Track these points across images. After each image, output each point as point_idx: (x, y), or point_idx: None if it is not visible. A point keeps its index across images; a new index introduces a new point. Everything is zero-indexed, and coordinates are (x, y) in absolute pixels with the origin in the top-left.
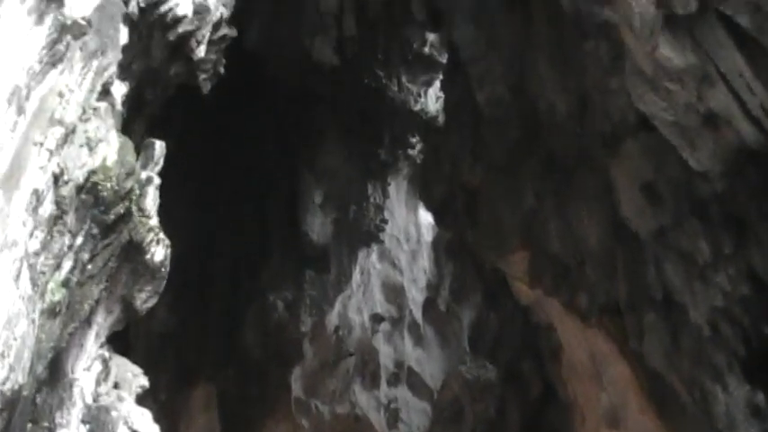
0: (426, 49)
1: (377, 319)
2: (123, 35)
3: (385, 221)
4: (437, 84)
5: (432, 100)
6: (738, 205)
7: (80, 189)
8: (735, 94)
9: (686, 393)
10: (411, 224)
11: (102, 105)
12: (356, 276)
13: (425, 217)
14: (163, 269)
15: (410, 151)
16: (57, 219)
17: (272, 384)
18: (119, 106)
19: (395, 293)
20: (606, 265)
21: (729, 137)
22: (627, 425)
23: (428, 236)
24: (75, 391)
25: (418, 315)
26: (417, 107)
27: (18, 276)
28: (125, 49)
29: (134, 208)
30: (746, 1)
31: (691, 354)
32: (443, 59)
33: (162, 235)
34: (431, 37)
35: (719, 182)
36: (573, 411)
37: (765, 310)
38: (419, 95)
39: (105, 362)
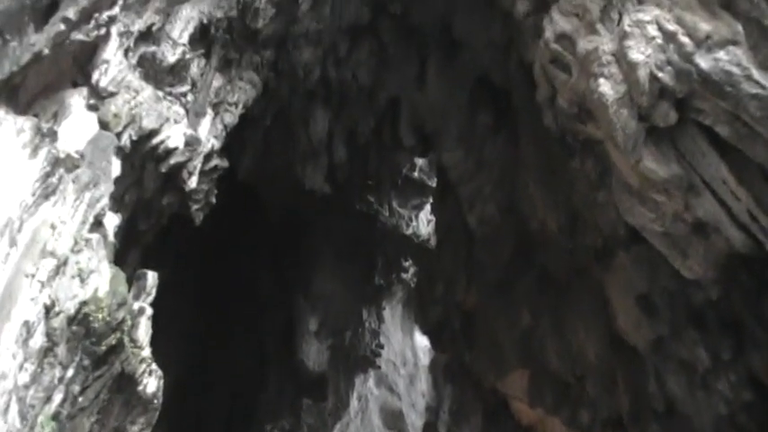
0: (416, 174)
1: None
2: (116, 167)
3: (381, 346)
4: (427, 207)
5: (423, 223)
6: (734, 311)
7: (71, 320)
8: (721, 201)
9: None
10: (407, 348)
11: (95, 237)
12: (354, 403)
13: (421, 340)
14: (155, 400)
15: (403, 275)
16: (47, 351)
17: None
18: (111, 237)
19: (394, 419)
20: (606, 380)
21: (719, 244)
22: None
23: (425, 359)
24: None
25: None
26: (409, 231)
27: (6, 410)
28: (118, 180)
29: (126, 339)
30: (724, 111)
31: None
32: (433, 183)
33: (154, 366)
34: (420, 161)
35: (713, 289)
36: None
37: None
38: (410, 219)
39: None
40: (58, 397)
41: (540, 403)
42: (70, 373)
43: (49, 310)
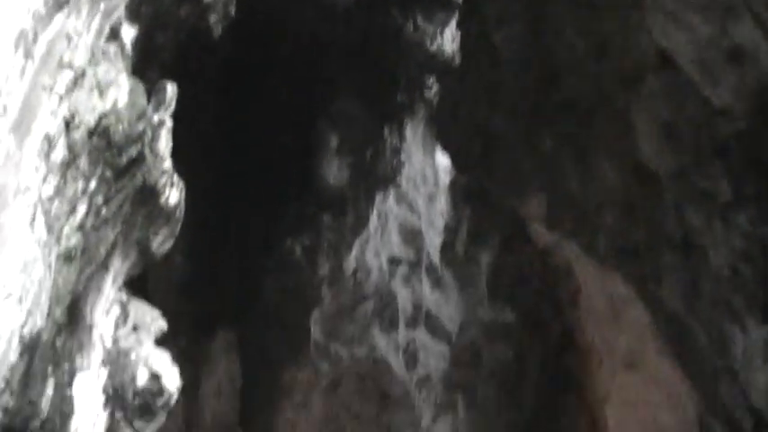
0: None
1: (395, 262)
2: None
3: (402, 164)
4: (453, 23)
5: (448, 40)
6: (761, 146)
7: (92, 133)
8: (762, 26)
9: (704, 335)
10: (428, 167)
11: (112, 48)
12: (373, 220)
13: (442, 159)
14: (178, 212)
15: (426, 93)
16: (69, 163)
17: (292, 329)
18: (128, 49)
19: (412, 236)
20: (625, 208)
21: (753, 73)
22: (644, 367)
23: (446, 178)
24: (95, 334)
25: (436, 258)
26: (434, 47)
27: (33, 221)
28: None
29: (147, 150)
30: None
31: (709, 296)
32: None
33: (176, 178)
34: None
35: (742, 121)
36: (591, 355)
37: None
38: (435, 35)
39: (123, 305)
40: (82, 208)
41: (559, 227)
42: (93, 185)
43: (68, 124)
